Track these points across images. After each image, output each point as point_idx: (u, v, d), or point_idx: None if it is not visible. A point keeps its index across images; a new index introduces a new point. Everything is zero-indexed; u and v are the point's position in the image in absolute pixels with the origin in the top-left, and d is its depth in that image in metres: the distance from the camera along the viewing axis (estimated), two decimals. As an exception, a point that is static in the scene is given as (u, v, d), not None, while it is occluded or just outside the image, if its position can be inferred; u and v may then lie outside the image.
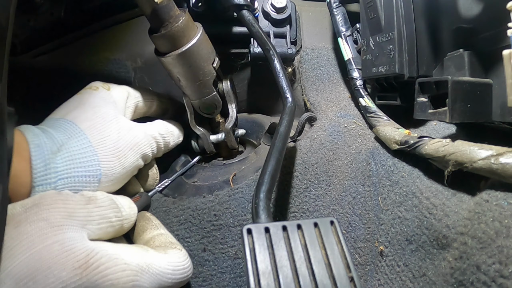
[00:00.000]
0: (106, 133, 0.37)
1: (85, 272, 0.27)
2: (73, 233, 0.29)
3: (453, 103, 0.32)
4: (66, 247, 0.27)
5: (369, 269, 0.39)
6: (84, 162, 0.34)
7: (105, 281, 0.28)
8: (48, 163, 0.32)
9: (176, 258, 0.35)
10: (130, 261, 0.31)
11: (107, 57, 0.55)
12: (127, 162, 0.38)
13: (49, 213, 0.29)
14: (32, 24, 0.53)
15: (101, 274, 0.28)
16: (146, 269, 0.31)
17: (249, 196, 0.43)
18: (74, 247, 0.28)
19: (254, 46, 0.54)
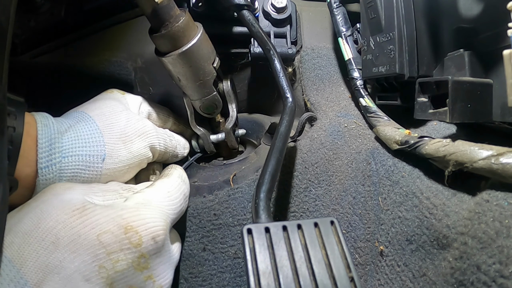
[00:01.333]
0: (115, 120, 0.38)
1: (83, 213, 0.28)
2: (72, 192, 0.30)
3: (453, 103, 0.32)
4: (65, 200, 0.29)
5: (369, 269, 0.39)
6: (89, 142, 0.34)
7: (107, 219, 0.29)
8: (54, 142, 0.32)
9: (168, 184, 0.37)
10: (127, 203, 0.32)
11: (107, 57, 0.55)
12: (133, 147, 0.38)
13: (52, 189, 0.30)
14: (33, 24, 0.53)
15: (99, 214, 0.29)
16: (147, 204, 0.33)
17: (249, 196, 0.43)
18: (71, 198, 0.29)
19: (254, 46, 0.54)
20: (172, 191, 0.37)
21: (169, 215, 0.34)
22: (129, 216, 0.30)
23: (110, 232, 0.28)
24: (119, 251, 0.28)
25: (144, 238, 0.30)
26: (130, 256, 0.29)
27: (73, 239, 0.27)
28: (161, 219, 0.32)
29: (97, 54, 0.56)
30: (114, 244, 0.28)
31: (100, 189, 0.34)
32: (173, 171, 0.41)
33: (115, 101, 0.40)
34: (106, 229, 0.28)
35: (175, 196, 0.37)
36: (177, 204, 0.37)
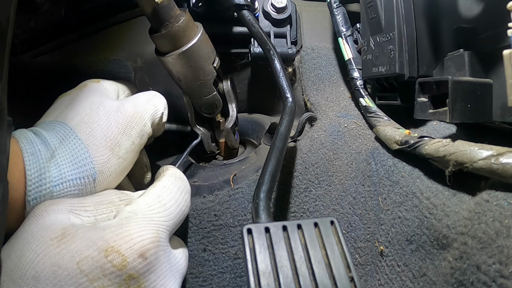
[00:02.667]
0: (95, 124, 0.35)
1: (62, 241, 0.26)
2: (56, 215, 0.28)
3: (453, 103, 0.32)
4: (45, 226, 0.27)
5: (369, 269, 0.39)
6: (76, 164, 0.32)
7: (85, 244, 0.27)
8: (43, 172, 0.30)
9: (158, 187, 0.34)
10: (111, 222, 0.29)
11: (107, 57, 0.55)
12: (121, 151, 0.36)
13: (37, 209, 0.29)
14: (33, 24, 0.53)
15: (79, 239, 0.27)
16: (133, 216, 0.30)
17: (249, 196, 0.43)
18: (52, 224, 0.28)
19: (254, 46, 0.54)
20: (163, 195, 0.33)
21: (162, 223, 0.31)
22: (110, 236, 0.27)
23: (90, 257, 0.26)
24: (102, 277, 0.26)
25: (129, 258, 0.27)
26: (116, 280, 0.27)
27: (53, 271, 0.25)
28: (149, 231, 0.29)
29: (97, 54, 0.56)
30: (95, 270, 0.26)
31: (93, 201, 0.32)
32: (164, 172, 0.37)
33: (91, 97, 0.38)
34: (86, 254, 0.26)
35: (167, 199, 0.33)
36: (171, 207, 0.33)
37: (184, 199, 0.35)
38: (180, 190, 0.35)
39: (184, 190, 0.36)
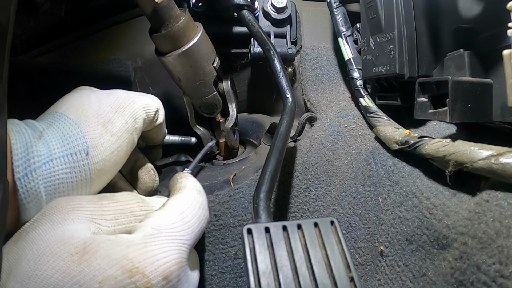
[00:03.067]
0: (87, 105, 0.34)
1: (84, 258, 0.25)
2: (75, 225, 0.27)
3: (453, 103, 0.32)
4: (64, 238, 0.26)
5: (369, 269, 0.39)
6: (66, 140, 0.31)
7: (108, 261, 0.25)
8: (30, 146, 0.29)
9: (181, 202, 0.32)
10: (134, 237, 0.28)
11: (107, 57, 0.55)
12: (115, 128, 0.34)
13: (53, 214, 0.27)
14: (33, 24, 0.53)
15: (101, 256, 0.25)
16: (157, 234, 0.28)
17: (250, 196, 0.43)
18: (72, 236, 0.26)
19: (254, 46, 0.54)
20: (186, 211, 0.31)
21: (186, 242, 0.30)
22: (135, 255, 0.26)
23: (113, 277, 0.25)
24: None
25: (153, 281, 0.26)
26: None
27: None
28: (174, 251, 0.28)
29: (97, 54, 0.56)
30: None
31: (114, 209, 0.30)
32: (185, 183, 0.35)
33: (82, 90, 0.37)
34: (109, 274, 0.25)
35: (191, 216, 0.31)
36: (194, 224, 0.31)
37: (204, 216, 0.33)
38: (202, 206, 0.33)
39: (205, 206, 0.34)
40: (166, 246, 0.28)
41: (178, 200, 0.32)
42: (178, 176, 0.36)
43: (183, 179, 0.35)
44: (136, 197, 0.33)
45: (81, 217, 0.28)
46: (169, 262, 0.27)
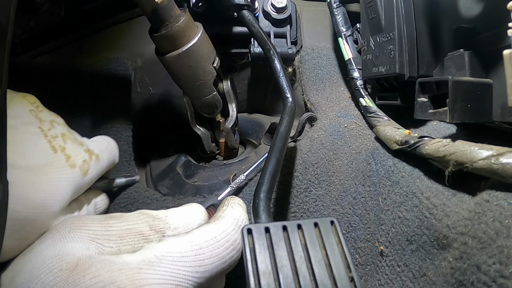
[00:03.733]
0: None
1: (72, 274, 0.24)
2: (75, 243, 0.26)
3: (453, 103, 0.32)
4: (60, 254, 0.25)
5: (369, 269, 0.39)
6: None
7: (96, 282, 0.24)
8: None
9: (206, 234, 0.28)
10: (132, 259, 0.26)
11: (107, 57, 0.55)
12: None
13: (57, 232, 0.27)
14: (33, 24, 0.53)
15: (90, 275, 0.24)
16: (157, 261, 0.26)
17: (250, 196, 0.43)
18: (67, 253, 0.26)
19: (254, 46, 0.54)
20: (206, 248, 0.28)
21: (191, 279, 0.27)
22: (123, 280, 0.24)
23: None
24: None
25: None
26: None
27: None
28: (168, 284, 0.26)
29: (97, 54, 0.56)
30: None
31: (119, 229, 0.28)
32: (227, 213, 0.31)
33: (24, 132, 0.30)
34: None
35: (209, 255, 0.28)
36: (210, 264, 0.28)
37: (230, 257, 0.29)
38: (232, 246, 0.29)
39: (237, 247, 0.30)
40: (161, 277, 0.26)
41: (204, 231, 0.29)
42: (227, 200, 0.33)
43: (228, 208, 0.32)
44: (146, 215, 0.31)
45: (82, 236, 0.27)
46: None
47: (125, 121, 0.52)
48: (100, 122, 0.51)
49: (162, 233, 0.30)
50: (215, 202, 0.38)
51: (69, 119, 0.50)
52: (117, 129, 0.51)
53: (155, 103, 0.59)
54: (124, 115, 0.53)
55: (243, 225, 0.31)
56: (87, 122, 0.51)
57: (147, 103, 0.58)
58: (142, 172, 0.56)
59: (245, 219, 0.32)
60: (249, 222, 0.32)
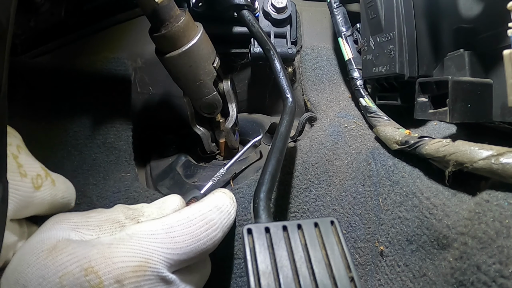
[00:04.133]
0: None
1: (51, 254, 0.27)
2: (56, 231, 0.29)
3: (453, 103, 0.32)
4: (43, 239, 0.28)
5: (369, 269, 0.39)
6: None
7: (70, 258, 0.27)
8: None
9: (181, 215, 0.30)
10: (105, 238, 0.28)
11: (107, 57, 0.55)
12: None
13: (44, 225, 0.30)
14: (33, 24, 0.53)
15: (65, 253, 0.27)
16: (127, 238, 0.28)
17: (250, 196, 0.43)
18: (50, 236, 0.28)
19: (254, 46, 0.54)
20: (178, 227, 0.30)
21: (161, 254, 0.28)
22: (94, 255, 0.27)
23: (71, 273, 0.26)
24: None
25: (105, 282, 0.26)
26: None
27: (39, 282, 0.26)
28: (137, 258, 0.28)
29: (97, 54, 0.56)
30: (74, 287, 0.26)
31: (98, 219, 0.31)
32: (206, 198, 0.33)
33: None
34: (68, 270, 0.26)
35: (180, 233, 0.29)
36: (183, 242, 0.29)
37: (207, 236, 0.31)
38: (207, 225, 0.31)
39: (214, 226, 0.31)
40: (130, 251, 0.28)
41: (178, 213, 0.31)
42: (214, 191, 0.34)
43: (209, 195, 0.34)
44: (122, 207, 0.33)
45: (64, 227, 0.30)
46: (125, 267, 0.27)
47: (125, 121, 0.52)
48: (100, 122, 0.51)
49: (136, 220, 0.33)
50: (197, 195, 0.39)
51: (69, 119, 0.51)
52: (117, 129, 0.51)
53: (155, 103, 0.59)
54: (124, 115, 0.53)
55: (223, 207, 0.32)
56: (87, 122, 0.51)
57: (147, 103, 0.58)
58: (142, 172, 0.56)
59: (226, 203, 0.33)
60: (232, 208, 0.33)
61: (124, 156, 0.50)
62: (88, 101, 0.52)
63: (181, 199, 0.37)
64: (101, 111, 0.52)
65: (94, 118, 0.51)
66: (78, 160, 0.48)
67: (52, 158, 0.47)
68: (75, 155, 0.49)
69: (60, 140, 0.49)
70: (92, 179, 0.47)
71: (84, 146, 0.49)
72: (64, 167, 0.47)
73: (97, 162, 0.49)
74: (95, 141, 0.50)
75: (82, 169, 0.48)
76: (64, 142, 0.49)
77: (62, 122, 0.50)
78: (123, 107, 0.53)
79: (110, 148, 0.50)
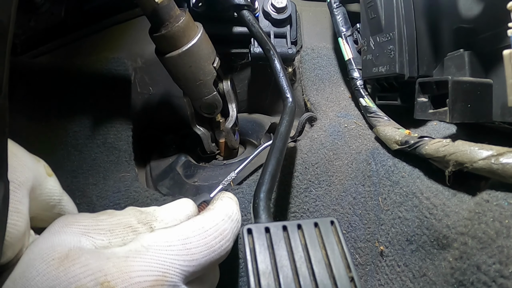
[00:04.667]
0: None
1: (63, 263, 0.26)
2: (66, 236, 0.28)
3: (453, 103, 0.32)
4: (53, 245, 0.27)
5: (369, 269, 0.39)
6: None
7: (84, 270, 0.26)
8: None
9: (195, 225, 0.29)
10: (120, 250, 0.27)
11: (107, 57, 0.55)
12: None
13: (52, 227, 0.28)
14: (33, 24, 0.53)
15: (79, 264, 0.26)
16: (144, 251, 0.27)
17: (250, 196, 0.43)
18: (60, 243, 0.27)
19: (254, 46, 0.54)
20: (193, 238, 0.29)
21: (177, 266, 0.28)
22: (110, 269, 0.26)
23: (85, 287, 0.25)
24: None
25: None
26: None
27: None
28: (154, 272, 0.27)
29: (97, 54, 0.56)
30: None
31: (109, 223, 0.30)
32: (216, 206, 0.32)
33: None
34: (82, 283, 0.25)
35: (196, 244, 0.29)
36: (197, 254, 0.29)
37: (220, 247, 0.30)
38: (221, 236, 0.30)
39: (226, 236, 0.31)
40: (147, 265, 0.27)
41: (193, 222, 0.30)
42: (218, 195, 0.34)
43: (217, 201, 0.33)
44: (134, 210, 0.32)
45: (74, 231, 0.28)
46: (144, 281, 0.26)
47: (125, 121, 0.52)
48: (100, 122, 0.51)
49: (149, 225, 0.31)
50: (207, 199, 0.38)
51: (69, 119, 0.51)
52: (117, 129, 0.51)
53: (155, 103, 0.59)
54: (124, 115, 0.53)
55: (233, 216, 0.32)
56: (87, 122, 0.51)
57: (147, 103, 0.58)
58: (142, 172, 0.56)
59: (235, 210, 0.33)
60: (239, 215, 0.33)
61: (124, 156, 0.50)
62: (88, 101, 0.52)
63: (194, 205, 0.36)
64: (101, 111, 0.52)
65: (94, 118, 0.51)
66: (78, 160, 0.48)
67: (52, 158, 0.47)
68: (75, 155, 0.49)
69: (60, 140, 0.49)
70: (92, 179, 0.47)
71: (84, 146, 0.49)
72: (64, 167, 0.47)
73: (97, 162, 0.49)
74: (95, 141, 0.50)
75: (82, 169, 0.48)
76: (64, 142, 0.49)
77: (62, 122, 0.50)
78: (123, 107, 0.53)
79: (110, 148, 0.50)
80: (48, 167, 0.32)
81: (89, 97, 0.52)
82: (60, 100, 0.51)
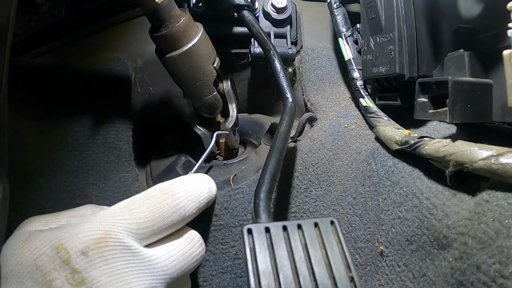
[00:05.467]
0: None
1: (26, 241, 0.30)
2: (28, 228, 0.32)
3: (453, 103, 0.32)
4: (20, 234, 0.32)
5: (369, 269, 0.39)
6: None
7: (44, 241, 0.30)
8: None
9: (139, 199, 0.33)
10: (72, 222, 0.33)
11: (107, 57, 0.55)
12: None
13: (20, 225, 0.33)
14: (33, 24, 0.53)
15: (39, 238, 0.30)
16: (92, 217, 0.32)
17: (250, 196, 0.43)
18: (25, 231, 0.32)
19: (254, 46, 0.54)
20: (137, 201, 0.33)
21: (120, 225, 0.31)
22: (63, 234, 0.30)
23: (45, 254, 0.30)
24: (54, 270, 0.29)
25: (73, 255, 0.30)
26: (64, 273, 0.29)
27: (17, 270, 0.29)
28: (99, 231, 0.31)
29: (97, 54, 0.56)
30: (48, 265, 0.29)
31: (67, 215, 0.35)
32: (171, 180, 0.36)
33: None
34: (42, 252, 0.30)
35: (138, 204, 0.32)
36: (141, 213, 0.32)
37: (167, 205, 0.33)
38: (165, 196, 0.33)
39: (174, 196, 0.33)
40: (93, 226, 0.31)
41: (141, 193, 0.34)
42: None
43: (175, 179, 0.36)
44: (91, 205, 0.37)
45: (37, 224, 0.33)
46: (89, 239, 0.30)
47: (125, 121, 0.52)
48: (100, 122, 0.51)
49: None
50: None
51: (69, 119, 0.51)
52: (117, 129, 0.51)
53: (155, 103, 0.59)
54: (124, 115, 0.53)
55: (189, 181, 0.35)
56: (87, 122, 0.51)
57: (147, 103, 0.58)
58: (142, 172, 0.56)
59: (196, 178, 0.36)
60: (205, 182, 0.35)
61: (124, 156, 0.50)
62: (88, 101, 0.52)
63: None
64: (101, 111, 0.52)
65: (94, 118, 0.51)
66: (78, 160, 0.48)
67: (52, 158, 0.47)
68: (75, 155, 0.49)
69: (60, 140, 0.49)
70: (92, 179, 0.47)
71: (84, 146, 0.49)
72: (64, 167, 0.47)
73: (97, 162, 0.49)
74: (95, 141, 0.50)
75: (82, 169, 0.48)
76: (64, 142, 0.49)
77: (62, 122, 0.50)
78: (123, 107, 0.53)
79: (110, 148, 0.50)
80: None
81: (89, 97, 0.52)
82: (60, 100, 0.51)
